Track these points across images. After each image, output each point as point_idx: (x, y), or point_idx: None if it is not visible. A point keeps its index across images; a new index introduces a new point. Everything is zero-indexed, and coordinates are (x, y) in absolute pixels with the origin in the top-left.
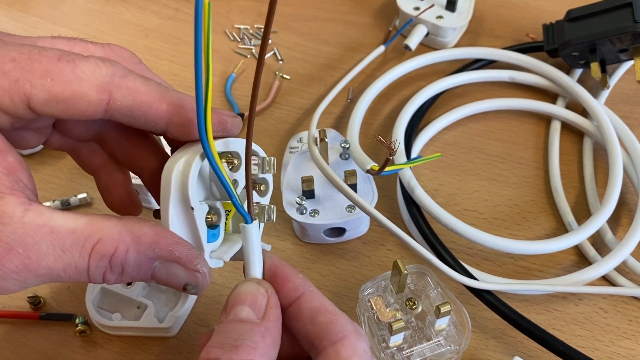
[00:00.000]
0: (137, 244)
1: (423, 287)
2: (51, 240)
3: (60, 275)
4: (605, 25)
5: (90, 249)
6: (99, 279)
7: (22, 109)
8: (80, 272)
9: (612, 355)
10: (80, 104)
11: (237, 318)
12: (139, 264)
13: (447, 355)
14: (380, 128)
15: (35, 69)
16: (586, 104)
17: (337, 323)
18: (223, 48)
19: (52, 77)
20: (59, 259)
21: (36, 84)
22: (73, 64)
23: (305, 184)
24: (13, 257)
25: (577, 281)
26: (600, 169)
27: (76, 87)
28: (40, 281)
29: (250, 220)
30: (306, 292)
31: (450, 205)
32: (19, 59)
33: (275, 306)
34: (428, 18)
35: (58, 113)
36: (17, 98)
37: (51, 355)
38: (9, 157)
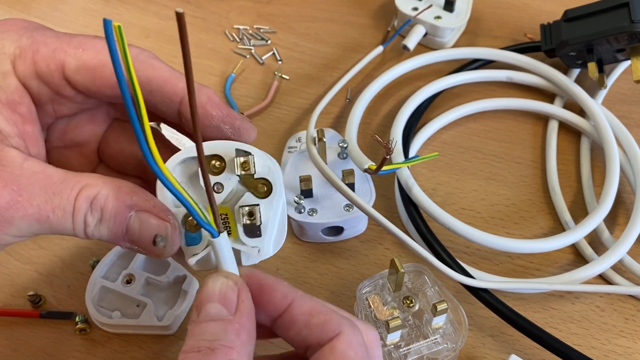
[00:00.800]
0: (116, 191)
1: (420, 286)
2: (44, 184)
3: (49, 217)
4: (602, 25)
5: (77, 191)
6: (81, 223)
7: (57, 77)
8: (67, 213)
9: (608, 354)
10: (105, 72)
11: (208, 317)
12: (116, 211)
13: (444, 353)
14: (378, 128)
15: (72, 41)
16: (583, 104)
17: (332, 322)
18: (222, 48)
19: (85, 47)
20: (49, 201)
21: (70, 52)
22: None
23: (303, 183)
24: (6, 193)
25: (573, 280)
26: (597, 168)
27: (103, 56)
28: (29, 225)
29: (216, 233)
30: (296, 299)
31: (448, 205)
32: (61, 35)
33: (247, 298)
34: (426, 18)
35: (86, 82)
36: (53, 65)
37: (51, 353)
38: (27, 126)
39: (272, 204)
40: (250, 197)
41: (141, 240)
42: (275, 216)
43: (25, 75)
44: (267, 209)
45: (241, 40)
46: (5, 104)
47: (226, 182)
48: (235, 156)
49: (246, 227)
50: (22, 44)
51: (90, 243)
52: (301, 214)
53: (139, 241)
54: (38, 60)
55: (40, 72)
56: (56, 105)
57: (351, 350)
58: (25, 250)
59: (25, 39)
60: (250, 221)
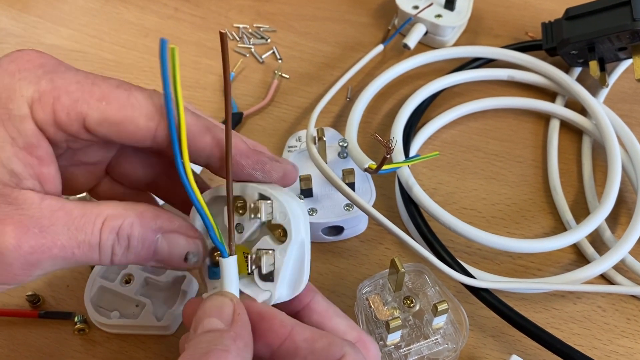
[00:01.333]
0: (140, 218)
1: (421, 286)
2: (66, 222)
3: (75, 252)
4: (603, 23)
5: (101, 224)
6: (108, 253)
7: (76, 127)
8: (93, 247)
9: (610, 354)
10: (129, 127)
11: (204, 330)
12: (143, 237)
13: (445, 354)
14: (378, 127)
15: (95, 92)
16: (585, 103)
17: (336, 344)
18: None
19: (108, 101)
20: (73, 237)
21: (92, 105)
22: (128, 92)
23: (303, 182)
24: (30, 237)
25: (575, 280)
26: (599, 167)
27: (128, 112)
28: (53, 264)
29: (226, 254)
30: (295, 326)
31: (449, 204)
32: (83, 82)
33: (243, 312)
34: (427, 17)
35: (110, 134)
36: (73, 115)
37: (50, 354)
38: (44, 168)
39: (286, 251)
40: (268, 241)
41: (171, 259)
42: (289, 261)
43: (44, 122)
44: (281, 254)
45: (241, 39)
46: (22, 147)
47: (246, 224)
48: (256, 200)
49: (259, 271)
50: (42, 88)
51: None
52: None
53: (169, 260)
54: (58, 110)
55: (60, 121)
56: (71, 143)
57: None
58: None
59: (45, 83)
60: (257, 265)
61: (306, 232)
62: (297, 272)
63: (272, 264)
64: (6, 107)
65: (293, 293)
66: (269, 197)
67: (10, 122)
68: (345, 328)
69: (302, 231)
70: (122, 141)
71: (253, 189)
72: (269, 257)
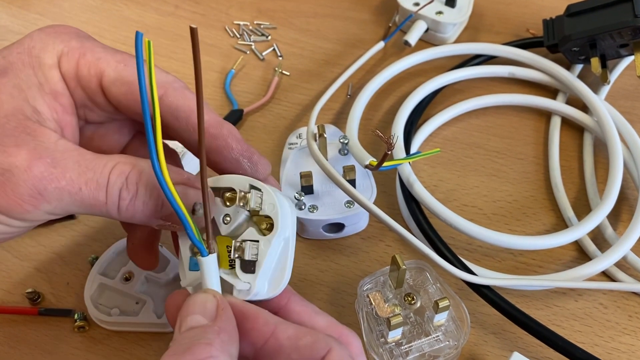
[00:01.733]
0: (149, 168)
1: (422, 283)
2: (78, 159)
3: (82, 189)
4: (605, 20)
5: (112, 167)
6: (115, 197)
7: (94, 84)
8: (101, 186)
9: (611, 351)
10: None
11: (188, 327)
12: (151, 187)
13: (446, 351)
14: (379, 124)
15: (116, 55)
16: (586, 100)
17: (320, 340)
18: (222, 44)
19: (126, 64)
20: (82, 174)
21: (112, 64)
22: None
23: (304, 179)
24: (41, 164)
25: (576, 277)
26: (600, 164)
27: None
28: (60, 198)
29: (205, 252)
30: (278, 324)
31: (450, 201)
32: (108, 48)
33: (226, 308)
34: (428, 14)
35: (119, 95)
36: (93, 71)
37: (50, 351)
38: (67, 116)
39: (270, 242)
40: (253, 233)
41: None
42: (273, 255)
43: (67, 73)
44: (265, 246)
45: (241, 36)
46: (48, 92)
47: (234, 215)
48: (247, 191)
49: (241, 262)
50: (71, 45)
51: (89, 239)
52: (302, 210)
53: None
54: (82, 64)
55: (81, 75)
56: (87, 110)
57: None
58: (23, 247)
59: (75, 42)
60: (240, 255)
61: (292, 231)
62: (278, 269)
63: (255, 254)
64: (38, 57)
65: (272, 291)
66: (259, 189)
67: (40, 69)
68: (326, 324)
69: (289, 228)
70: (129, 105)
71: (244, 180)
72: (253, 247)
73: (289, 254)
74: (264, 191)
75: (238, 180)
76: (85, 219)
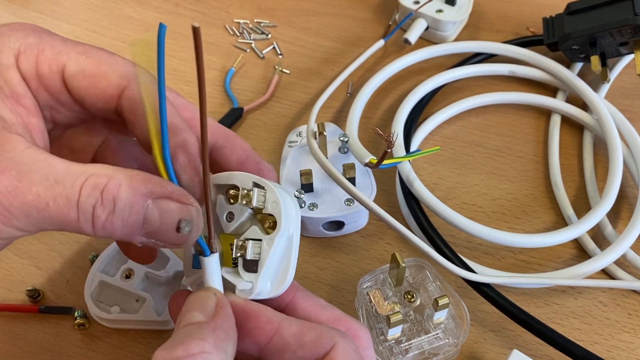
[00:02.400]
0: (129, 180)
1: (421, 281)
2: (45, 172)
3: (49, 204)
4: (605, 18)
5: (83, 180)
6: (89, 215)
7: (56, 80)
8: (71, 203)
9: (611, 349)
10: (101, 82)
11: (186, 323)
12: (131, 202)
13: (446, 348)
14: (379, 122)
15: (77, 47)
16: (586, 98)
17: (325, 336)
18: (223, 42)
19: (88, 55)
20: (50, 188)
21: (72, 57)
22: (110, 54)
23: (303, 177)
24: (4, 178)
25: (576, 275)
26: (600, 162)
27: (104, 67)
28: (27, 214)
29: (208, 252)
30: (282, 321)
31: (450, 199)
32: (68, 41)
33: (225, 306)
34: (428, 12)
35: (81, 89)
36: (54, 66)
37: (50, 348)
38: (32, 118)
39: (273, 241)
40: (256, 232)
41: (162, 229)
42: (275, 254)
43: (27, 73)
44: (268, 245)
45: (241, 34)
46: (8, 96)
47: (237, 213)
48: (249, 189)
49: (244, 261)
50: (29, 42)
51: (89, 237)
52: (301, 208)
53: (160, 231)
54: (41, 61)
55: (42, 73)
56: (54, 112)
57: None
58: (24, 244)
59: (32, 39)
60: (242, 254)
61: (296, 229)
62: (282, 268)
63: (257, 253)
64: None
65: (275, 290)
66: (263, 186)
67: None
68: (333, 318)
69: (293, 226)
70: (93, 101)
71: (247, 177)
72: (256, 246)
73: (292, 252)
74: (268, 189)
75: (241, 178)
76: None
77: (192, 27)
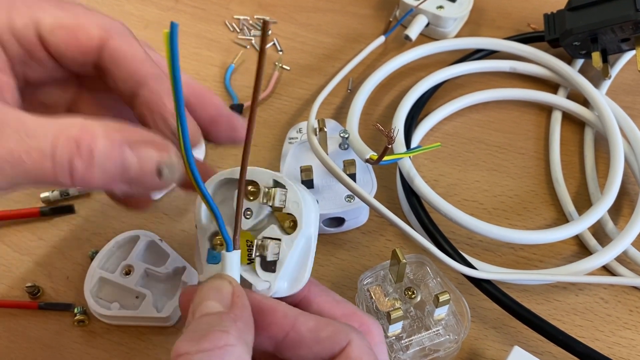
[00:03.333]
0: (104, 130)
1: (422, 277)
2: (17, 127)
3: (23, 158)
4: (606, 14)
5: (57, 131)
6: (65, 166)
7: (31, 35)
8: (45, 155)
9: (612, 346)
10: (80, 34)
11: (203, 313)
12: (108, 151)
13: (446, 345)
14: (380, 118)
15: (51, 1)
16: (587, 94)
17: (341, 332)
18: (223, 39)
19: (64, 8)
20: (22, 142)
21: (48, 10)
22: (86, 8)
23: (304, 173)
24: None
25: (577, 271)
26: (601, 159)
27: (81, 19)
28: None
29: (231, 247)
30: (298, 316)
31: (450, 196)
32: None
33: (242, 295)
34: (428, 8)
35: (60, 44)
36: (29, 20)
37: (50, 345)
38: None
39: (293, 242)
40: (275, 230)
41: (142, 175)
42: (295, 254)
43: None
44: (288, 245)
45: (241, 31)
46: None
47: (257, 210)
48: (271, 187)
49: (262, 260)
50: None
51: (88, 233)
52: None
53: (140, 177)
54: (14, 16)
55: (15, 27)
56: (27, 68)
57: (365, 356)
58: (23, 241)
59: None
60: (261, 253)
61: (315, 229)
62: (299, 267)
63: (276, 254)
64: None
65: (292, 289)
66: (284, 185)
67: None
68: (347, 313)
69: (312, 226)
70: (72, 54)
71: (267, 175)
72: (275, 246)
73: (310, 252)
74: (289, 188)
75: (261, 175)
76: (84, 213)
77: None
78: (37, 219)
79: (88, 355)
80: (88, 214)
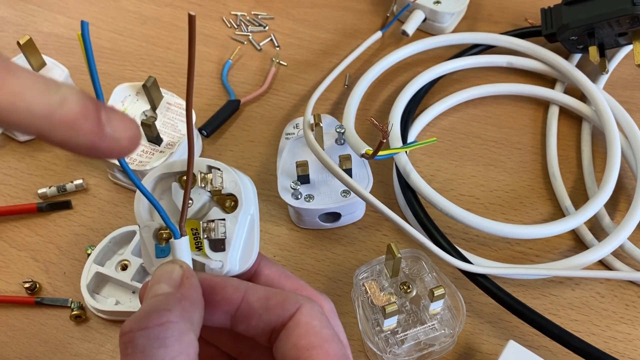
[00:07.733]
0: None
1: (418, 272)
2: None
3: None
4: (603, 8)
5: None
6: None
7: None
8: None
9: (608, 340)
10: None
11: (153, 295)
12: None
13: (442, 339)
14: (376, 114)
15: None
16: (585, 89)
17: (290, 298)
18: (220, 35)
19: None
20: None
21: None
22: None
23: (300, 168)
24: None
25: (573, 266)
26: (598, 153)
27: None
28: None
29: (178, 235)
30: (248, 289)
31: (447, 191)
32: None
33: (192, 276)
34: (425, 3)
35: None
36: None
37: (47, 340)
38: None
39: (237, 219)
40: (218, 212)
41: None
42: (241, 231)
43: None
44: (232, 223)
45: (239, 27)
46: None
47: (196, 197)
48: (206, 172)
49: (210, 241)
50: None
51: (85, 229)
52: (298, 200)
53: None
54: None
55: None
56: None
57: (315, 320)
58: (21, 237)
59: None
60: (208, 235)
61: (255, 207)
62: (247, 243)
63: (223, 233)
64: None
65: (243, 266)
66: (218, 168)
67: None
68: (297, 287)
69: (253, 204)
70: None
71: (201, 162)
72: (221, 226)
73: (255, 228)
74: (224, 170)
75: (196, 163)
76: (81, 209)
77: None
78: (34, 215)
79: (84, 350)
80: (85, 209)
